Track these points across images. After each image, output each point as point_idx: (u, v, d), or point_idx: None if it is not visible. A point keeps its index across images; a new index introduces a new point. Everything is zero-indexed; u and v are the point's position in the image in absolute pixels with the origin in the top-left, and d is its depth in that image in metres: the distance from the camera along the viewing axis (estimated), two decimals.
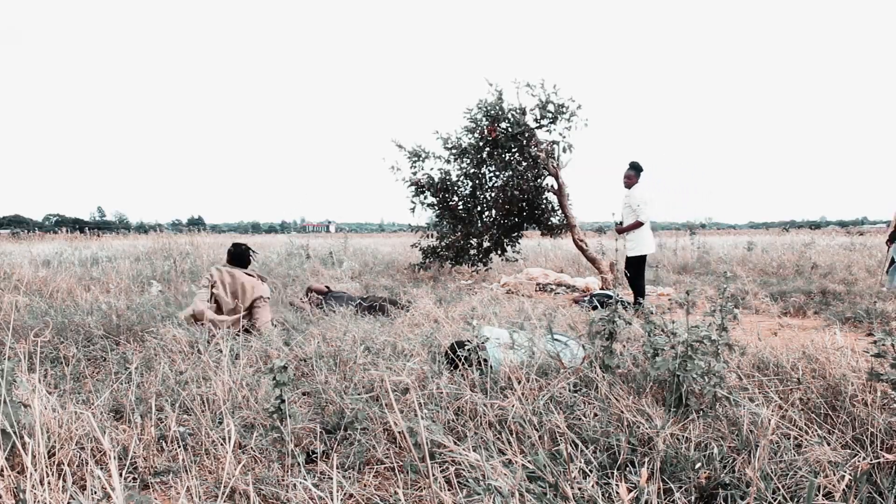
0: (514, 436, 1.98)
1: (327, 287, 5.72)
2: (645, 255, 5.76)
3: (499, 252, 8.96)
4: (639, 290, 5.70)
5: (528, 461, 1.76)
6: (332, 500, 1.46)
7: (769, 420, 1.91)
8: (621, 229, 5.79)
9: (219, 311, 4.05)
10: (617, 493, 1.57)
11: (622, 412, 2.05)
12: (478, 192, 8.48)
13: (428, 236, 9.11)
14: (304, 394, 2.67)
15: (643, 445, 1.93)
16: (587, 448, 1.88)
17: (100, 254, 10.51)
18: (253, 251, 4.44)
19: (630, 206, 5.71)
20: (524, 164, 7.96)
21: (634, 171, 5.77)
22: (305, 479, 1.70)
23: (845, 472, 1.63)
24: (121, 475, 1.82)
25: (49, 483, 1.42)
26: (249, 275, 4.22)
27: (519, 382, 2.42)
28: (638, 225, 5.66)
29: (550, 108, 7.73)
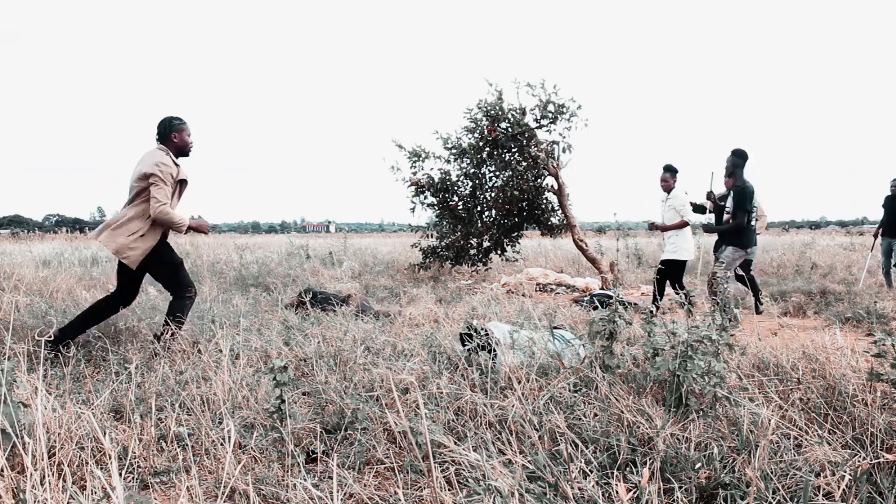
0: (514, 436, 1.98)
1: (300, 296, 5.33)
2: (685, 262, 5.60)
3: (499, 252, 8.96)
4: (661, 295, 5.44)
5: (528, 461, 1.76)
6: (332, 500, 1.46)
7: (769, 420, 1.91)
8: (665, 227, 5.63)
9: None
10: (617, 493, 1.57)
11: (622, 412, 2.05)
12: (478, 192, 8.47)
13: (428, 236, 9.10)
14: (304, 394, 2.67)
15: (643, 445, 1.93)
16: (587, 448, 1.88)
17: (100, 254, 10.51)
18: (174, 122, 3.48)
19: (675, 209, 5.60)
20: (524, 164, 7.96)
21: (671, 173, 5.68)
22: (305, 479, 1.70)
23: (845, 472, 1.63)
24: (121, 475, 1.82)
25: (49, 483, 1.42)
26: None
27: (519, 382, 2.42)
28: (683, 224, 5.55)
29: (550, 108, 7.73)
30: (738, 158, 5.04)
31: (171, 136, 3.45)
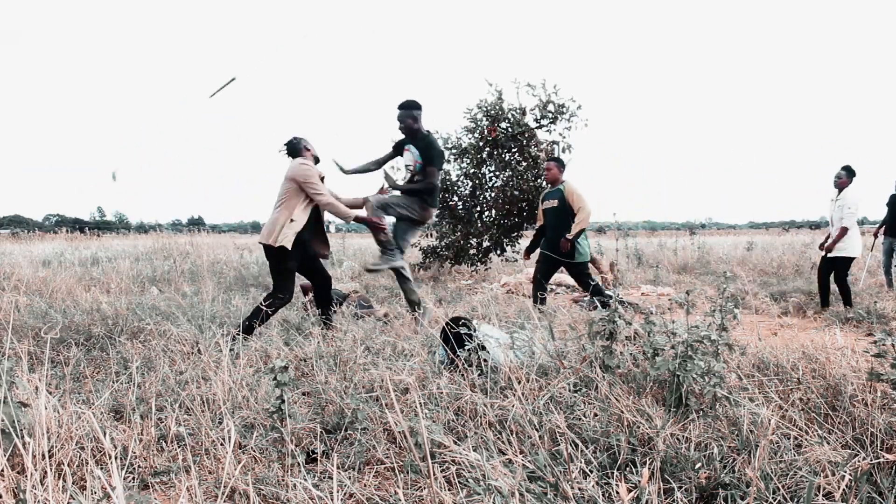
0: (514, 436, 1.98)
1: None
2: (851, 259, 5.54)
3: (498, 252, 8.96)
4: (846, 295, 5.50)
5: (529, 461, 1.76)
6: (332, 500, 1.46)
7: (769, 420, 1.91)
8: (832, 241, 5.57)
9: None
10: (617, 493, 1.57)
11: (622, 412, 2.05)
12: (478, 192, 8.48)
13: (428, 236, 9.11)
14: (304, 394, 2.67)
15: (643, 445, 1.93)
16: (587, 448, 1.88)
17: (100, 254, 10.52)
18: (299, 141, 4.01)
19: (843, 208, 5.52)
20: (524, 164, 7.96)
21: (847, 172, 5.64)
22: (305, 479, 1.70)
23: (845, 472, 1.63)
24: (121, 475, 1.82)
25: (49, 483, 1.42)
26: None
27: (519, 382, 2.41)
28: (844, 231, 5.46)
29: (550, 108, 7.74)
30: (417, 110, 4.56)
31: (304, 147, 4.01)
